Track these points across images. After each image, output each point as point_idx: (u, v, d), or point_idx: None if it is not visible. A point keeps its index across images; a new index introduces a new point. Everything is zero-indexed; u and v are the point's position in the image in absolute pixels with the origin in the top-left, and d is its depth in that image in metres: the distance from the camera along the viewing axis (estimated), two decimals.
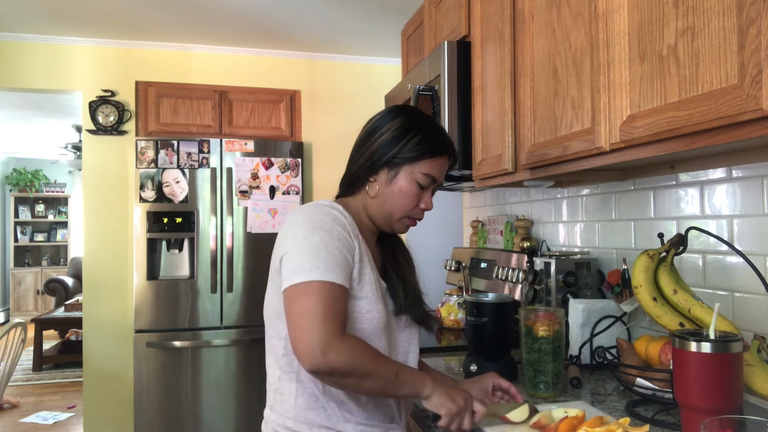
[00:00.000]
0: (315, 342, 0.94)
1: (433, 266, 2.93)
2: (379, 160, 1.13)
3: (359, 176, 1.16)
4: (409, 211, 1.16)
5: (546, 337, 1.33)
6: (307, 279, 0.98)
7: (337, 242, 1.03)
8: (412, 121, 1.14)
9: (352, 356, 0.95)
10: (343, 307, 1.00)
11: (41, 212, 8.45)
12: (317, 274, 0.98)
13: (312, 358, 0.94)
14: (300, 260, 1.00)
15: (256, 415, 3.39)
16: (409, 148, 1.12)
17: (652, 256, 1.28)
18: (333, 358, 0.94)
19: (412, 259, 1.27)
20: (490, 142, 1.76)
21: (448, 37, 2.11)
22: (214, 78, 3.61)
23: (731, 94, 0.86)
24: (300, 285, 0.98)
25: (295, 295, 0.98)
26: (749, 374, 1.13)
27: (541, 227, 2.23)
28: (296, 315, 0.97)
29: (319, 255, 1.00)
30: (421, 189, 1.14)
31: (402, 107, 1.20)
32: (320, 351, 0.94)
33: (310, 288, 0.98)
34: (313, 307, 0.96)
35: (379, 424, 1.11)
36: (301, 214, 1.07)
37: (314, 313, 0.95)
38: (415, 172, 1.13)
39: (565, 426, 1.02)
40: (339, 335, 0.96)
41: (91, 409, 3.37)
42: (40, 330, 5.42)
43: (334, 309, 0.97)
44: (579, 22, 1.28)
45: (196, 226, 3.23)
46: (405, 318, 1.17)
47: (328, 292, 0.98)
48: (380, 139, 1.13)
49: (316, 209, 1.07)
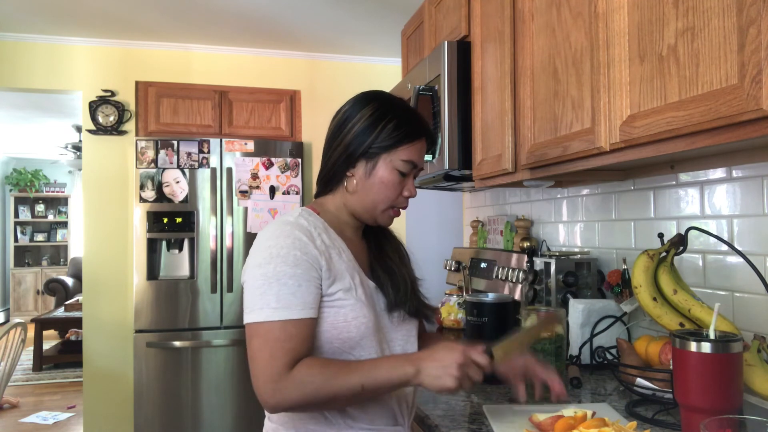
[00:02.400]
0: (263, 385, 0.95)
1: (433, 266, 2.93)
2: (355, 152, 1.07)
3: (336, 172, 1.11)
4: (392, 200, 1.11)
5: (548, 337, 1.33)
6: (256, 320, 0.97)
7: (292, 270, 0.98)
8: (384, 107, 1.09)
9: (301, 392, 0.94)
10: (296, 341, 0.97)
11: (41, 212, 8.45)
12: (266, 314, 0.97)
13: (265, 401, 0.95)
14: (251, 296, 0.99)
15: (256, 415, 3.40)
16: (385, 136, 1.06)
17: (652, 256, 1.28)
18: (282, 398, 0.94)
19: (402, 247, 1.22)
20: (490, 142, 1.76)
21: (448, 37, 2.12)
22: (214, 78, 3.61)
23: (731, 94, 0.86)
24: (251, 326, 0.98)
25: (248, 335, 0.99)
26: (749, 374, 1.13)
27: (541, 227, 2.23)
28: (249, 357, 0.98)
29: (270, 289, 0.97)
30: (402, 176, 1.09)
31: (370, 93, 1.14)
32: (269, 395, 0.94)
33: (259, 330, 0.97)
34: (260, 351, 0.96)
35: (382, 427, 1.08)
36: (262, 237, 1.04)
37: (260, 357, 0.96)
38: (394, 160, 1.07)
39: (562, 425, 1.01)
40: (284, 375, 0.94)
41: (91, 409, 3.37)
42: (40, 330, 5.42)
43: (283, 348, 0.95)
44: (579, 22, 1.28)
45: (196, 226, 3.23)
46: (399, 313, 1.12)
47: (277, 332, 0.96)
48: (353, 130, 1.08)
49: (279, 230, 1.03)
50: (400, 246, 1.22)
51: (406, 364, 0.96)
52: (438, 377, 0.94)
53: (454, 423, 1.18)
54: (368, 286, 1.09)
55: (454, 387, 0.93)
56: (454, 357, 0.94)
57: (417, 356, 0.98)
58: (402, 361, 0.97)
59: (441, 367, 0.94)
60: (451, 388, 0.93)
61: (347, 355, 1.04)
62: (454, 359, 0.94)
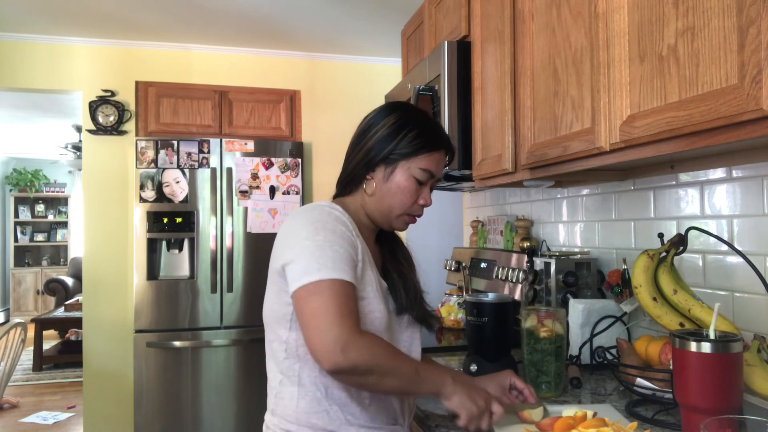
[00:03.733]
0: (333, 341, 0.92)
1: (433, 266, 2.93)
2: (376, 157, 1.12)
3: (356, 175, 1.16)
4: (407, 207, 1.15)
5: (548, 338, 1.33)
6: (316, 279, 0.97)
7: (341, 240, 1.02)
8: (407, 117, 1.14)
9: (372, 353, 0.94)
10: (355, 304, 0.99)
11: (41, 212, 8.45)
12: (326, 273, 0.97)
13: (332, 357, 0.92)
14: (307, 261, 0.99)
15: (256, 415, 3.39)
16: (405, 144, 1.11)
17: (652, 256, 1.28)
18: (354, 355, 0.93)
19: (411, 257, 1.26)
20: (490, 142, 1.76)
21: (448, 37, 2.11)
22: (214, 78, 3.61)
23: (731, 94, 0.86)
24: (310, 285, 0.97)
25: (306, 296, 0.97)
26: (749, 374, 1.13)
27: (541, 227, 2.23)
28: (310, 316, 0.95)
29: (325, 254, 0.99)
30: (419, 184, 1.14)
31: (396, 104, 1.20)
32: (340, 349, 0.92)
33: (321, 287, 0.96)
34: (327, 306, 0.95)
35: (382, 425, 1.10)
36: (301, 216, 1.07)
37: (329, 312, 0.94)
38: (412, 168, 1.12)
39: (561, 425, 1.01)
40: (357, 332, 0.95)
41: (91, 409, 3.37)
42: (40, 330, 5.42)
43: (348, 306, 0.96)
44: (579, 22, 1.28)
45: (196, 226, 3.23)
46: (406, 317, 1.16)
47: (340, 289, 0.97)
48: (376, 136, 1.13)
49: (317, 210, 1.07)
50: (410, 255, 1.27)
51: (449, 381, 1.04)
52: (462, 405, 1.03)
53: (455, 423, 1.18)
54: (383, 286, 1.13)
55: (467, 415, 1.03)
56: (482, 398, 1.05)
57: (460, 378, 1.07)
58: (447, 376, 1.05)
59: (469, 398, 1.04)
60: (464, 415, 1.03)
61: None
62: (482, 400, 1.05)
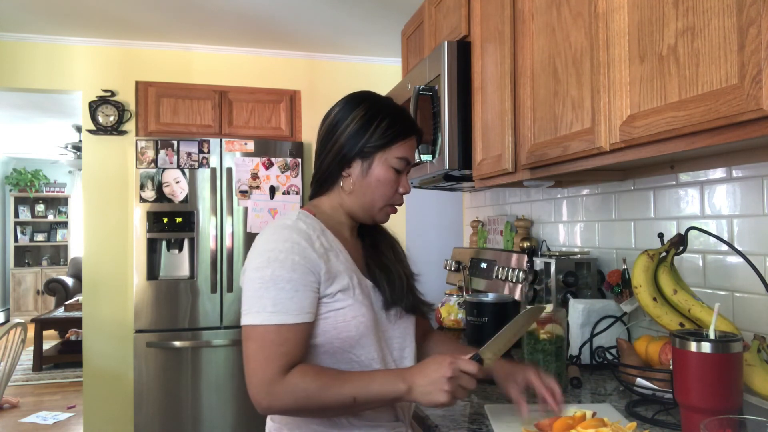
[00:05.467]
0: (257, 388, 0.96)
1: (433, 266, 2.93)
2: (350, 152, 1.10)
3: (331, 173, 1.13)
4: (389, 198, 1.13)
5: (548, 339, 1.33)
6: (252, 323, 0.98)
7: (290, 274, 0.99)
8: (375, 107, 1.11)
9: (293, 398, 0.95)
10: (291, 346, 0.98)
11: (41, 212, 8.45)
12: (263, 317, 0.98)
13: (258, 403, 0.97)
14: (249, 299, 1.00)
15: (256, 415, 3.38)
16: (379, 135, 1.09)
17: (652, 256, 1.28)
18: (275, 402, 0.96)
19: (397, 243, 1.24)
20: (490, 142, 1.76)
21: (448, 37, 2.11)
22: (214, 78, 3.61)
23: (731, 94, 0.86)
24: (247, 328, 0.99)
25: (244, 337, 1.00)
26: (749, 374, 1.13)
27: (541, 227, 2.23)
28: (244, 358, 0.99)
29: (267, 293, 0.98)
30: (397, 173, 1.12)
31: (359, 94, 1.16)
32: (261, 397, 0.96)
33: (255, 333, 0.98)
34: (255, 353, 0.97)
35: (384, 423, 1.10)
36: (261, 240, 1.05)
37: (255, 359, 0.97)
38: (389, 158, 1.10)
39: (561, 425, 1.01)
40: (278, 379, 0.96)
41: (91, 409, 3.37)
42: (40, 330, 5.41)
43: (278, 352, 0.96)
44: (579, 22, 1.28)
45: (196, 226, 3.23)
46: (396, 310, 1.14)
47: (272, 336, 0.97)
48: (347, 131, 1.10)
49: (277, 234, 1.03)
50: (394, 242, 1.24)
51: (399, 380, 0.97)
52: (429, 393, 0.95)
53: (455, 423, 1.18)
54: (366, 285, 1.11)
55: (446, 401, 0.95)
56: (442, 371, 0.95)
57: (409, 372, 0.99)
58: (395, 377, 0.98)
59: (431, 383, 0.95)
60: (443, 402, 0.95)
61: (347, 353, 1.06)
62: (442, 374, 0.95)
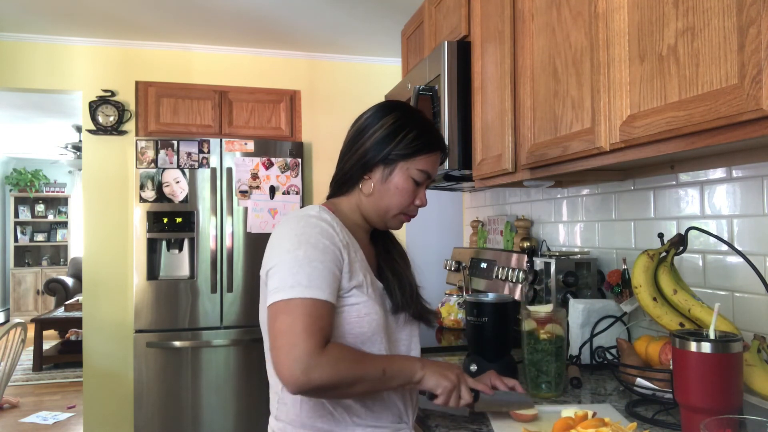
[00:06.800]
0: (295, 363, 0.92)
1: (433, 266, 2.93)
2: (374, 157, 1.12)
3: (352, 175, 1.15)
4: (404, 207, 1.15)
5: (548, 339, 1.33)
6: (288, 297, 0.97)
7: (322, 256, 1.01)
8: (405, 118, 1.14)
9: (335, 369, 0.94)
10: (326, 322, 0.98)
11: (41, 212, 8.44)
12: (298, 291, 0.97)
13: (295, 378, 0.92)
14: (283, 276, 0.99)
15: (256, 415, 3.40)
16: (405, 145, 1.11)
17: (652, 256, 1.28)
18: (316, 376, 0.92)
19: (406, 254, 1.26)
20: (490, 142, 1.76)
21: (448, 37, 2.11)
22: (214, 78, 3.61)
23: (731, 94, 0.86)
24: (280, 303, 0.97)
25: (276, 313, 0.97)
26: (749, 374, 1.13)
27: (541, 227, 2.23)
28: (276, 334, 0.96)
29: (302, 270, 0.98)
30: (416, 185, 1.14)
31: (392, 103, 1.19)
32: (301, 372, 0.92)
33: (290, 306, 0.96)
34: (293, 326, 0.94)
35: (388, 424, 1.11)
36: (287, 227, 1.06)
37: (293, 332, 0.94)
38: (410, 169, 1.13)
39: (560, 425, 1.01)
40: (319, 351, 0.94)
41: (91, 409, 3.37)
42: (40, 330, 5.41)
43: (315, 326, 0.95)
44: (579, 22, 1.28)
45: (196, 226, 3.23)
46: (403, 315, 1.17)
47: (309, 309, 0.96)
48: (374, 136, 1.12)
49: (303, 221, 1.05)
50: (404, 252, 1.27)
51: (418, 366, 1.06)
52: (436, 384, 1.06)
53: (455, 423, 1.18)
54: (377, 287, 1.13)
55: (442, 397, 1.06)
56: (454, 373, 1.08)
57: (425, 361, 1.08)
58: (416, 362, 1.07)
59: (441, 375, 1.06)
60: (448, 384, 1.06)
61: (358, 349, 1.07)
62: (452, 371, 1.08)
